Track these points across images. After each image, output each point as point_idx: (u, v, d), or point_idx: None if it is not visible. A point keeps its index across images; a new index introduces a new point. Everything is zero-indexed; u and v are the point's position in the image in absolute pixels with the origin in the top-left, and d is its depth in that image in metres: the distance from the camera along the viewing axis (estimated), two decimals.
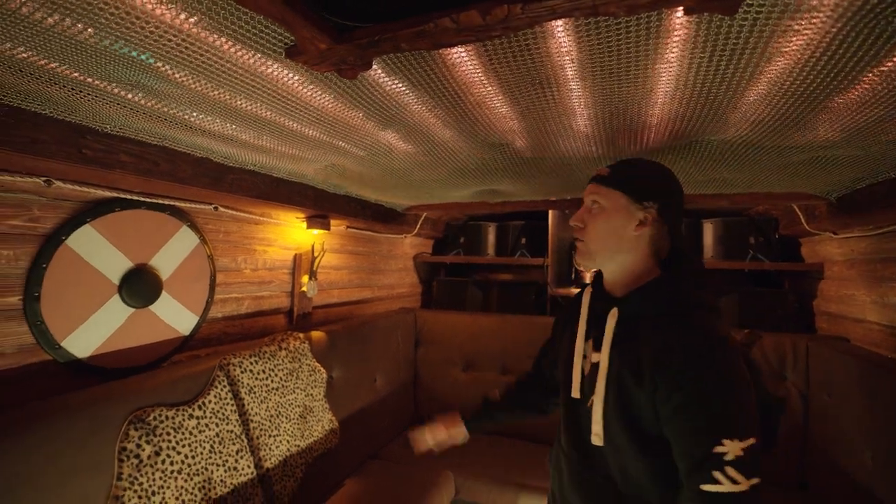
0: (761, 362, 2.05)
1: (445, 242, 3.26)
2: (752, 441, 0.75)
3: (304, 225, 2.04)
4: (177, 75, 0.85)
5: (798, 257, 2.47)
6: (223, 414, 1.45)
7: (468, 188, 1.92)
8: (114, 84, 0.89)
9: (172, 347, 1.52)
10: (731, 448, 0.74)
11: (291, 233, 2.06)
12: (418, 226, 2.84)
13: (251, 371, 1.58)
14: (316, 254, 2.12)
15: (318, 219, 2.02)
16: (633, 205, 0.90)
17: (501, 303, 2.94)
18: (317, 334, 1.99)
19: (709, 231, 2.62)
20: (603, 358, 0.89)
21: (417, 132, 1.20)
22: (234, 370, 1.53)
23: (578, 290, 1.71)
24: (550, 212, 2.77)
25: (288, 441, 1.68)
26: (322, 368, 1.92)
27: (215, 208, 1.64)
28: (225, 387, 1.48)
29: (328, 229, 2.07)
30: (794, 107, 0.93)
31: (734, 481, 0.73)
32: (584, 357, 0.96)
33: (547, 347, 1.32)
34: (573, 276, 2.85)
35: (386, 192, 2.08)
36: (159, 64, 0.81)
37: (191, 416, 1.34)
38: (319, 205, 1.93)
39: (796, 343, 2.04)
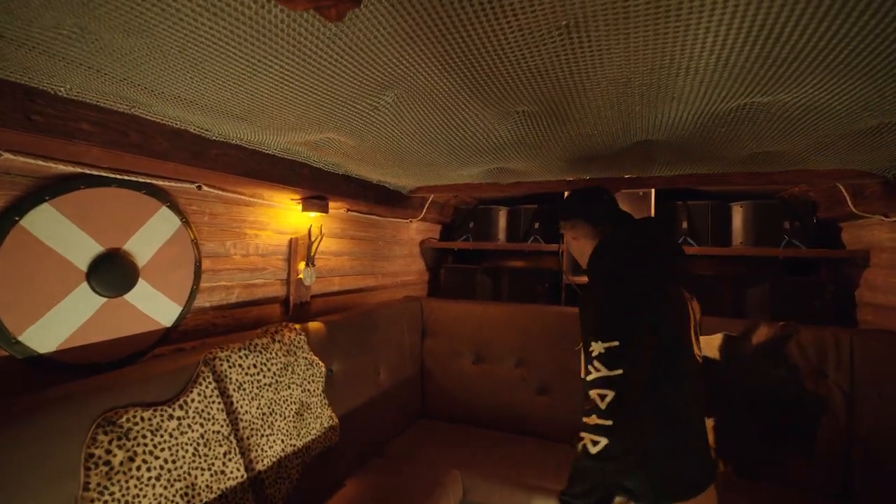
0: (798, 358, 1.87)
1: (453, 228, 3.09)
2: (613, 343, 1.04)
3: (300, 207, 1.88)
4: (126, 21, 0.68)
5: (837, 243, 2.26)
6: (208, 413, 1.31)
7: (478, 166, 1.75)
8: (56, 32, 0.73)
9: (152, 341, 1.39)
10: (596, 347, 1.05)
11: (286, 216, 1.91)
12: (425, 210, 2.68)
13: (240, 366, 1.45)
14: (313, 238, 1.97)
15: (314, 200, 1.86)
16: (567, 226, 1.42)
17: (512, 291, 2.77)
18: (314, 325, 1.85)
19: (738, 215, 2.42)
20: None
21: (422, 95, 1.02)
22: (221, 365, 1.40)
23: None
24: (566, 194, 2.59)
25: (283, 441, 1.55)
26: (320, 362, 1.78)
27: (199, 187, 1.48)
28: (210, 384, 1.34)
29: (326, 212, 1.91)
30: None
31: (597, 370, 1.03)
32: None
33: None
34: None
35: (389, 172, 1.91)
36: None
37: (171, 416, 1.21)
38: (316, 185, 1.77)
39: (839, 337, 1.85)
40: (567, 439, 2.21)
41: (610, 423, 0.99)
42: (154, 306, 1.38)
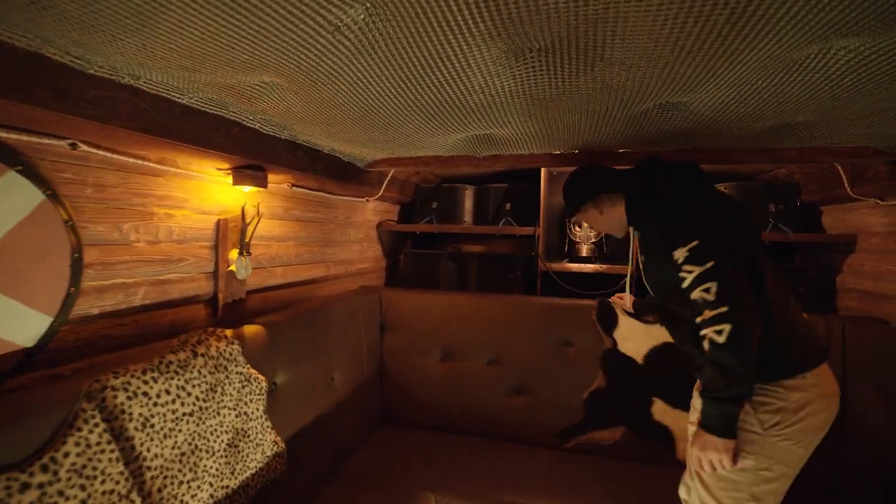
0: None
1: (414, 208, 2.75)
2: (693, 243, 1.10)
3: (230, 180, 1.47)
4: None
5: (817, 227, 2.19)
6: (94, 469, 0.92)
7: (459, 132, 1.43)
8: None
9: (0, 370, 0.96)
10: (679, 255, 1.11)
11: (211, 190, 1.49)
12: (384, 187, 2.32)
13: (146, 394, 1.05)
14: (248, 220, 1.56)
15: (249, 172, 1.46)
16: (589, 206, 1.42)
17: (481, 279, 2.51)
18: (251, 329, 1.47)
19: None
20: None
21: (407, 16, 0.69)
22: (115, 397, 1.00)
23: (573, 264, 2.39)
24: (543, 171, 2.33)
25: (211, 485, 1.19)
26: (260, 376, 1.41)
27: (73, 146, 1.04)
28: (96, 426, 0.95)
29: (265, 187, 1.51)
30: None
31: (689, 272, 1.09)
32: None
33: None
34: (566, 248, 2.45)
35: (346, 138, 1.54)
36: None
37: (25, 485, 0.81)
38: (251, 151, 1.37)
39: (830, 325, 1.75)
40: (548, 443, 2.01)
41: (725, 308, 1.02)
42: (2, 320, 0.94)
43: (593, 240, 2.33)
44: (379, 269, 2.70)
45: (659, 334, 1.91)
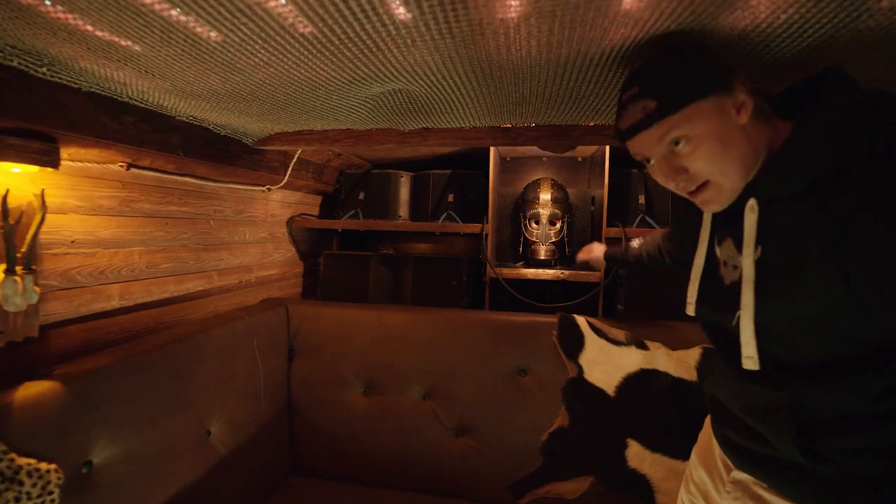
0: None
1: (337, 200, 2.24)
2: None
3: None
4: None
5: None
6: None
7: (364, 83, 0.94)
8: None
9: None
10: None
11: None
12: (289, 172, 1.80)
13: None
14: (26, 218, 1.01)
15: (17, 142, 0.91)
16: (717, 98, 0.66)
17: (418, 288, 2.05)
18: (34, 389, 0.93)
19: None
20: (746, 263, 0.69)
21: None
22: None
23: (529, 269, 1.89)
24: (492, 154, 1.89)
25: None
26: (47, 465, 0.88)
27: None
28: None
29: (55, 166, 0.97)
30: None
31: None
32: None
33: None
34: (521, 249, 2.03)
35: (212, 101, 1.02)
36: None
37: None
38: (26, 107, 0.83)
39: None
40: (500, 498, 1.59)
41: None
42: None
43: (553, 239, 1.92)
44: (293, 276, 2.18)
45: (635, 359, 1.52)
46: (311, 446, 1.78)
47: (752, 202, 0.69)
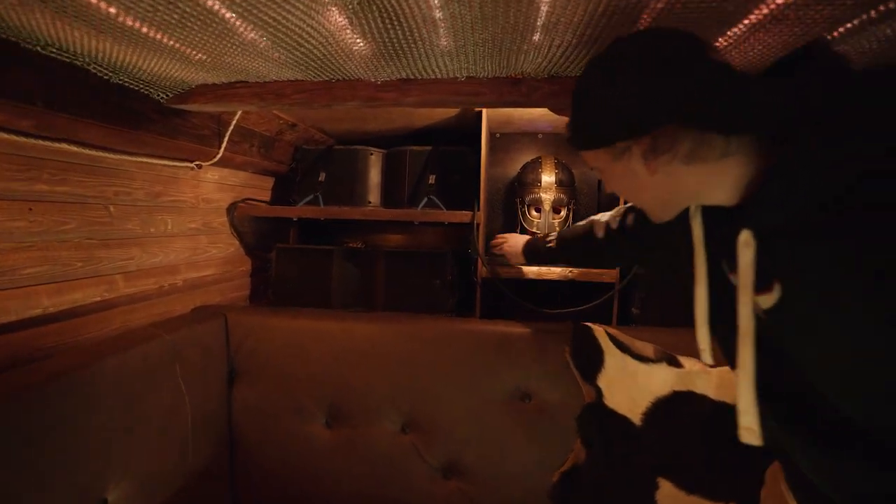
0: None
1: (293, 182, 1.84)
2: None
3: None
4: None
5: None
6: None
7: None
8: None
9: None
10: None
11: None
12: (224, 143, 1.39)
13: None
14: None
15: None
16: (616, 150, 0.63)
17: (394, 288, 1.69)
18: None
19: None
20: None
21: None
22: None
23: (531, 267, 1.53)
24: (484, 127, 1.54)
25: None
26: None
27: None
28: None
29: None
30: None
31: None
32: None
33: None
34: None
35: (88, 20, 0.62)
36: None
37: None
38: None
39: None
40: None
41: None
42: None
43: (557, 230, 1.59)
44: (236, 277, 1.77)
45: (666, 379, 1.23)
46: (259, 493, 1.41)
47: (745, 235, 0.54)
